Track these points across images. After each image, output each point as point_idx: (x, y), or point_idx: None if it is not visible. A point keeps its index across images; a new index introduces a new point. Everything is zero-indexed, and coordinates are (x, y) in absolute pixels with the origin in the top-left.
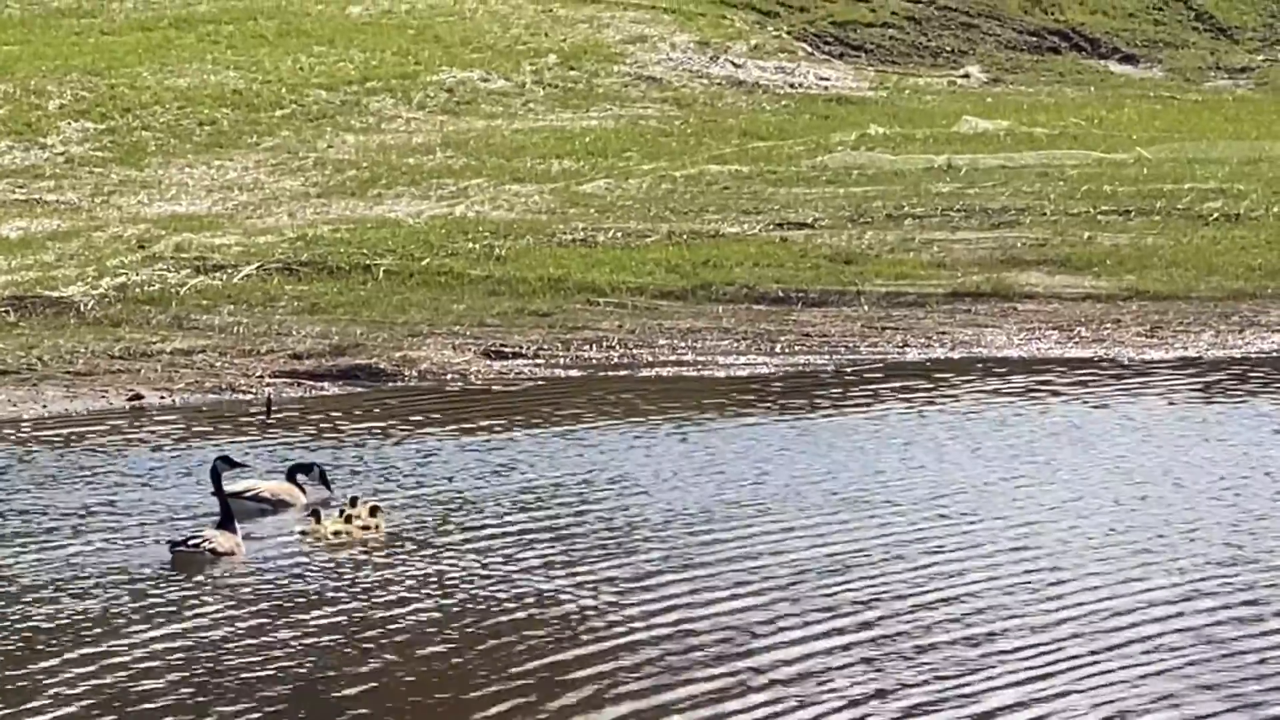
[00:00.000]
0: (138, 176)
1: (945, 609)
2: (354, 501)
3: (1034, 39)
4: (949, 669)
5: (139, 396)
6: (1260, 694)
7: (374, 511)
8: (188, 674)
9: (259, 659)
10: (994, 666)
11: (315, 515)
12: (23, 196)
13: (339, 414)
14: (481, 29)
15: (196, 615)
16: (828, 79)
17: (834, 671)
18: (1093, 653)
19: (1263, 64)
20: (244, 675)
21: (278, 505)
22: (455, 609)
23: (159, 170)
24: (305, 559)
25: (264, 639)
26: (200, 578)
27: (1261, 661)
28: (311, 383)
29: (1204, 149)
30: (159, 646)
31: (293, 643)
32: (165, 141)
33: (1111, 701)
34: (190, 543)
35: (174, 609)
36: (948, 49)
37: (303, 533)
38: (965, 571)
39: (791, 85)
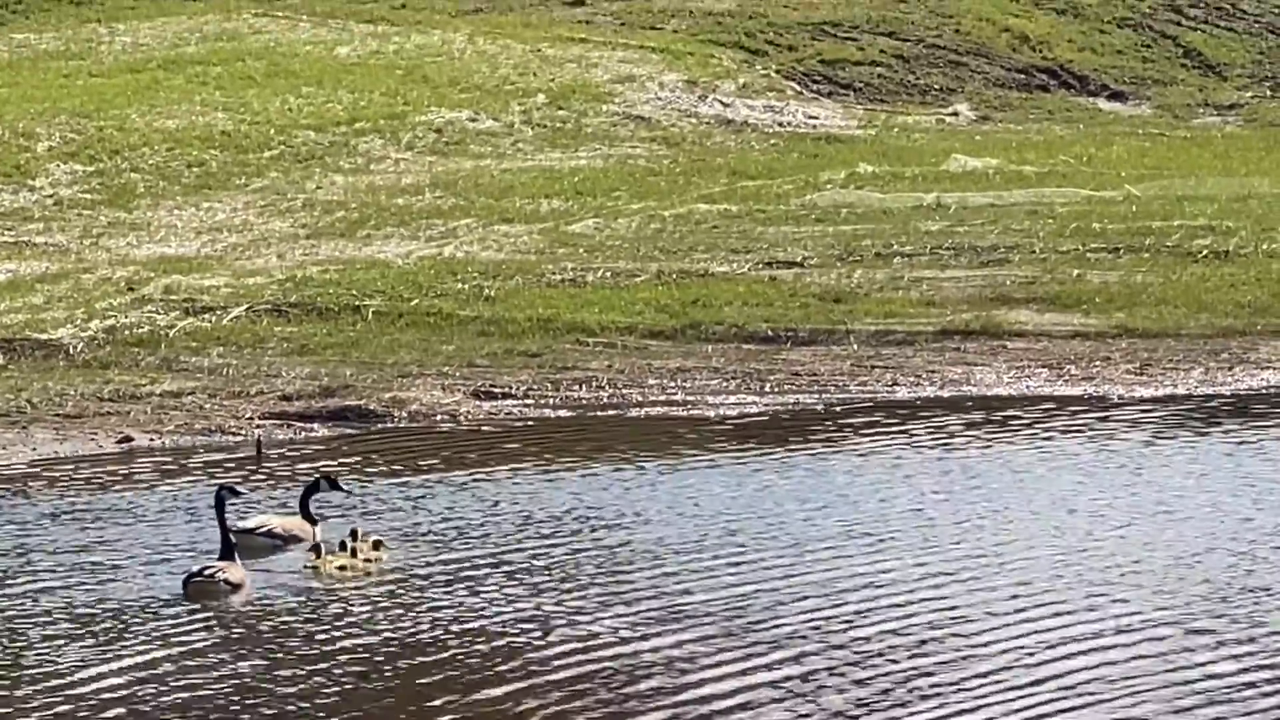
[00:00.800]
0: (126, 218)
1: (927, 643)
2: (354, 534)
3: (1022, 76)
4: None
5: (129, 439)
6: None
7: (377, 545)
8: (191, 706)
9: (259, 690)
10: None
11: (317, 550)
12: (11, 239)
13: (329, 455)
14: (470, 69)
15: (198, 647)
16: (816, 117)
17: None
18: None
19: (1251, 101)
20: (246, 705)
21: (289, 541)
22: (455, 639)
23: (148, 212)
24: (310, 591)
25: (263, 669)
26: (203, 610)
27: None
28: (301, 424)
29: (1193, 186)
30: (158, 679)
31: (294, 673)
32: (154, 183)
33: None
34: (205, 573)
35: (179, 641)
36: (936, 87)
37: (307, 566)
38: (942, 605)
39: (780, 124)
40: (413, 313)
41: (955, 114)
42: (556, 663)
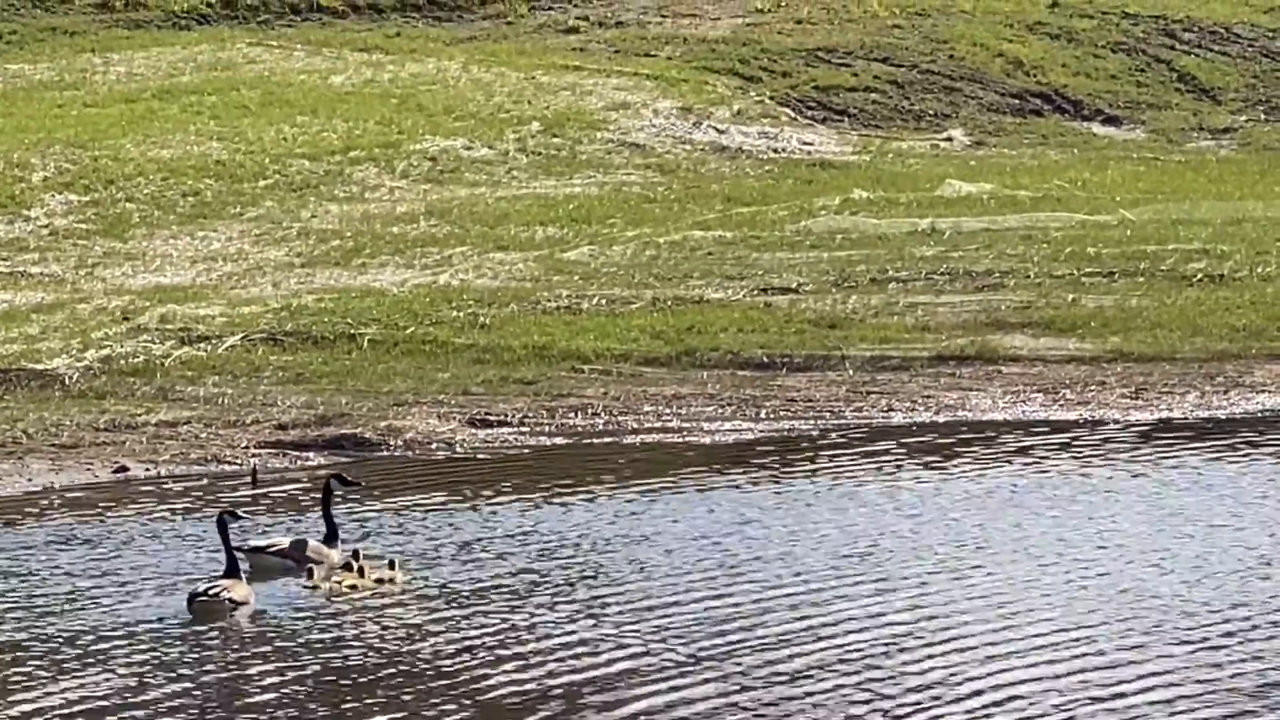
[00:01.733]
0: (122, 248)
1: (917, 668)
2: (356, 555)
3: (1016, 101)
4: None
5: (124, 469)
6: None
7: (392, 564)
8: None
9: (262, 709)
10: None
11: (348, 567)
12: (6, 269)
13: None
14: (464, 97)
15: (199, 665)
16: (810, 143)
17: None
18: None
19: (1245, 124)
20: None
21: (302, 562)
22: (455, 657)
23: (143, 242)
24: (316, 609)
25: (268, 687)
26: (206, 629)
27: None
28: (297, 453)
29: (1187, 210)
30: (158, 699)
31: (295, 690)
32: (149, 213)
33: None
34: (210, 593)
35: (182, 661)
36: (930, 112)
37: (306, 586)
38: (934, 637)
39: (774, 150)
40: (408, 341)
41: (949, 139)
42: (549, 680)
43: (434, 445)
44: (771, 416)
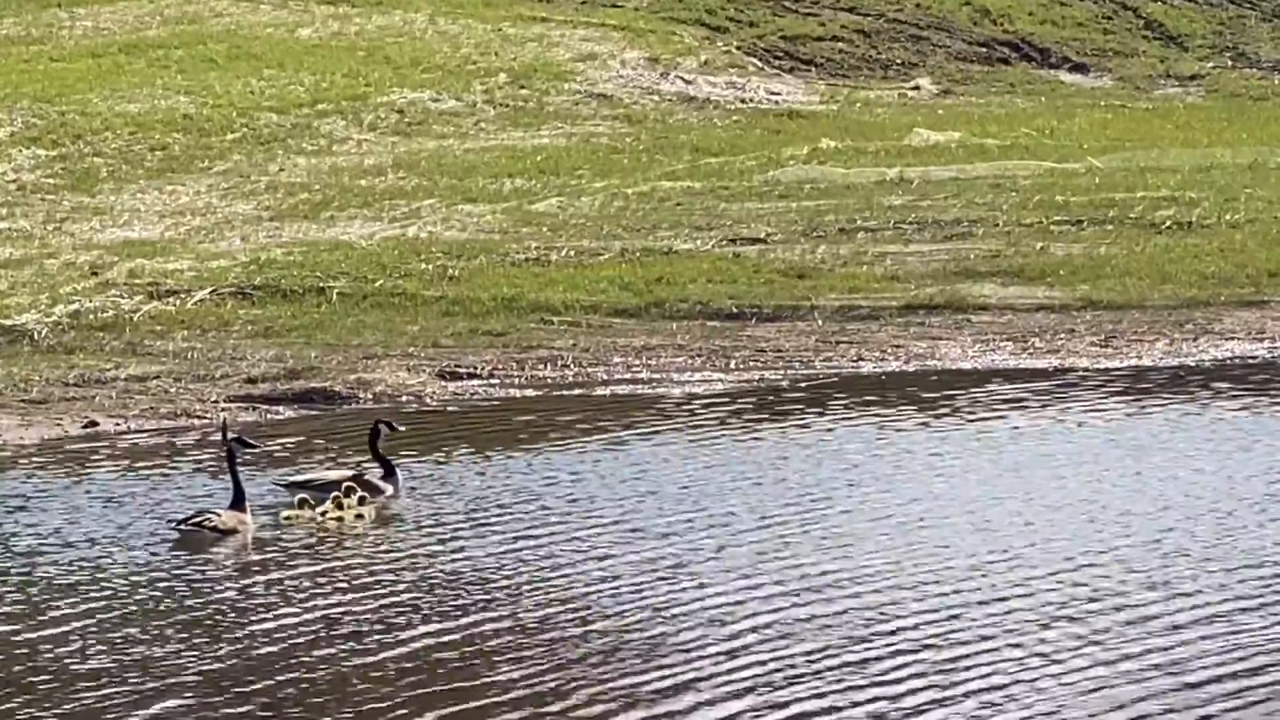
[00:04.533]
0: (90, 203)
1: (883, 627)
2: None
3: (984, 50)
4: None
5: (94, 424)
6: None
7: (362, 500)
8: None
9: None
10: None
11: (304, 503)
12: None
13: (294, 437)
14: (431, 49)
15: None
16: (778, 93)
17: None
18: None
19: (1212, 71)
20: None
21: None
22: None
23: (111, 196)
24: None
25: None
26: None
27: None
28: (266, 407)
29: (1155, 157)
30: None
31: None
32: (117, 167)
33: None
34: (192, 521)
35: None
36: (898, 61)
37: (285, 518)
38: (887, 586)
39: (742, 100)
40: (377, 294)
41: (917, 88)
42: (515, 619)
43: (404, 398)
44: (741, 367)
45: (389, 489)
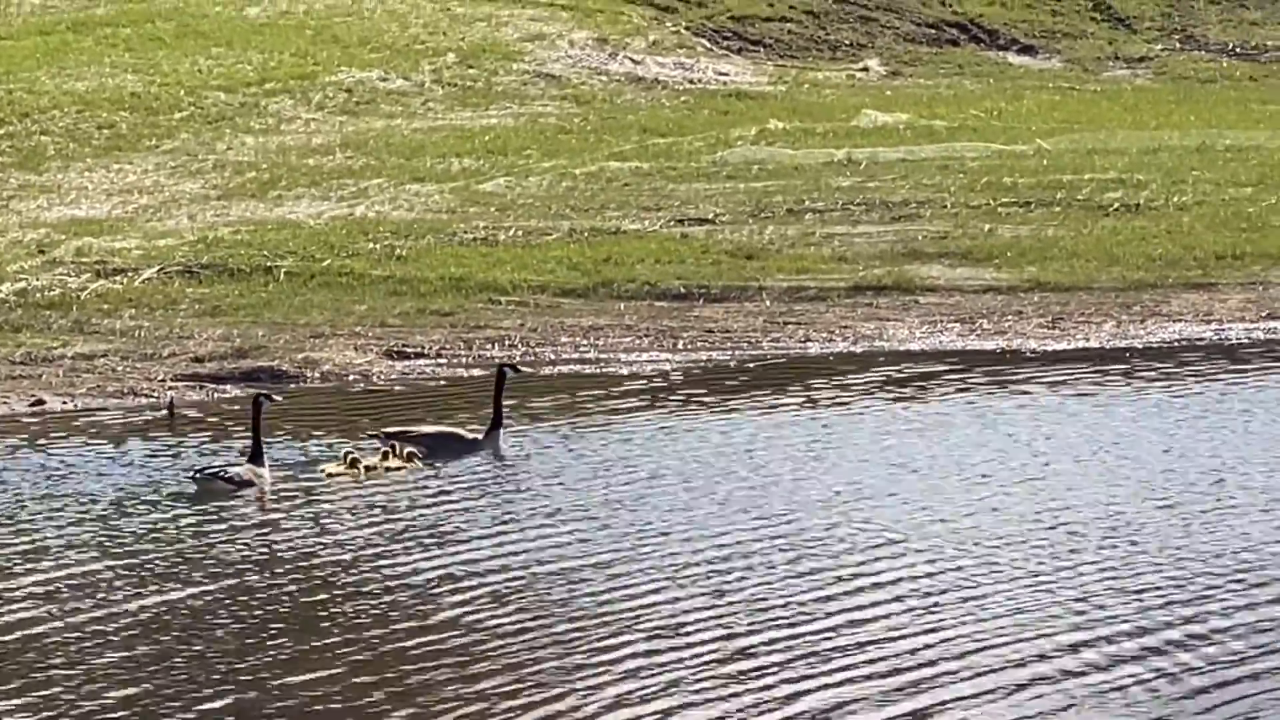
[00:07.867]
0: (37, 181)
1: (821, 609)
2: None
3: (932, 31)
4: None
5: (41, 402)
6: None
7: (410, 457)
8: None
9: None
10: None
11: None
12: None
13: (242, 416)
14: (379, 29)
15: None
16: (726, 74)
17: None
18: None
19: (1161, 53)
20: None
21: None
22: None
23: (58, 174)
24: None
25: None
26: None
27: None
28: (214, 385)
29: (1103, 139)
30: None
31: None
32: (64, 146)
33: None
34: (208, 471)
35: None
36: (846, 42)
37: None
38: (841, 570)
39: (690, 81)
40: (324, 273)
41: (866, 70)
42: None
43: (351, 377)
44: (689, 347)
45: (485, 444)
